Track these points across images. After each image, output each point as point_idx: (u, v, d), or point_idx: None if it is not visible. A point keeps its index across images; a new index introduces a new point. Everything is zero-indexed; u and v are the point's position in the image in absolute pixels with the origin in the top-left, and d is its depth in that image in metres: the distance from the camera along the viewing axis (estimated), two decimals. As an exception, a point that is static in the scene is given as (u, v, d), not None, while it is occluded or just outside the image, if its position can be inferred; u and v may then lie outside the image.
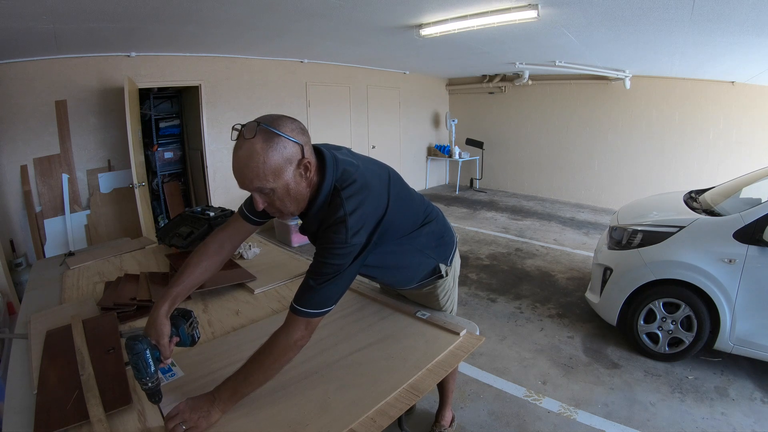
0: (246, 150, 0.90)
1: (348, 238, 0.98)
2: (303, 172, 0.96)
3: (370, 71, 6.21)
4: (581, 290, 3.36)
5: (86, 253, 2.23)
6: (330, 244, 0.99)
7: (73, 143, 3.82)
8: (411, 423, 1.92)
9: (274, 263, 1.91)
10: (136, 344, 0.91)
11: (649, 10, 2.58)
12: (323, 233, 1.02)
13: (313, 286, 0.99)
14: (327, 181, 1.01)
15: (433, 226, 1.33)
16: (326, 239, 1.00)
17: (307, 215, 1.06)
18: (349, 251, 1.00)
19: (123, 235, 3.72)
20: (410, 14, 3.06)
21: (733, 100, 5.10)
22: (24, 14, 2.41)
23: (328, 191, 1.01)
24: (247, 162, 0.90)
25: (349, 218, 0.98)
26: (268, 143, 0.90)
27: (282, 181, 0.94)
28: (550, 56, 4.89)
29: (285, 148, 0.91)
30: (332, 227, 0.99)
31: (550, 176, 6.94)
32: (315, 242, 1.11)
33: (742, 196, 2.79)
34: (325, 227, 1.01)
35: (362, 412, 0.95)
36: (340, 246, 0.98)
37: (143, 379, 0.91)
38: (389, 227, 1.10)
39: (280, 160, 0.91)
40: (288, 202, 0.98)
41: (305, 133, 0.97)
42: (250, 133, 0.89)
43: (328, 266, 0.99)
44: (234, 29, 3.44)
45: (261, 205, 0.98)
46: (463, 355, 1.22)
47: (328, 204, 1.02)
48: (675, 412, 2.06)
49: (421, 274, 1.37)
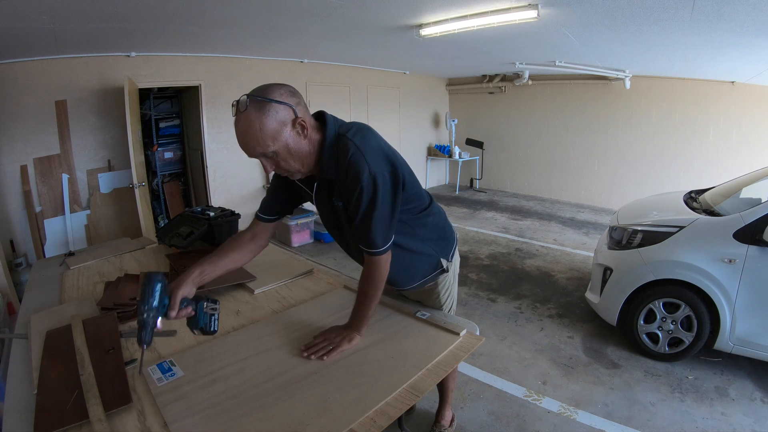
0: (243, 122, 0.99)
1: (370, 167, 1.05)
2: (300, 130, 1.04)
3: (370, 71, 6.21)
4: (581, 290, 3.36)
5: (86, 253, 2.22)
6: (359, 184, 1.06)
7: (73, 143, 3.82)
8: (411, 423, 1.92)
9: (274, 263, 1.91)
10: (153, 274, 0.98)
11: (649, 10, 2.58)
12: (349, 186, 1.08)
13: (368, 231, 1.10)
14: (329, 131, 1.10)
15: (436, 217, 1.39)
16: (354, 184, 1.06)
17: (320, 170, 1.12)
18: (380, 183, 1.07)
19: (123, 235, 3.72)
20: (410, 14, 3.06)
21: (733, 100, 5.10)
22: (24, 14, 2.41)
23: (333, 138, 1.09)
24: (246, 132, 0.99)
25: (361, 148, 1.06)
26: (261, 111, 0.98)
27: (281, 143, 1.02)
28: (550, 56, 4.89)
29: (277, 112, 0.99)
30: (351, 167, 1.05)
31: (550, 176, 6.94)
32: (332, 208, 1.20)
33: (742, 196, 2.79)
34: (344, 176, 1.08)
35: (362, 412, 0.95)
36: (367, 177, 1.05)
37: (142, 307, 0.95)
38: (404, 177, 1.16)
39: (274, 124, 0.99)
40: (291, 160, 1.06)
41: (295, 95, 1.04)
42: (243, 105, 0.98)
43: (371, 205, 1.08)
44: (234, 29, 3.44)
45: (269, 168, 1.07)
46: (463, 355, 1.21)
47: (336, 150, 1.09)
48: (675, 412, 2.06)
49: (424, 269, 1.41)
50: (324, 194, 1.19)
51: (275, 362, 1.14)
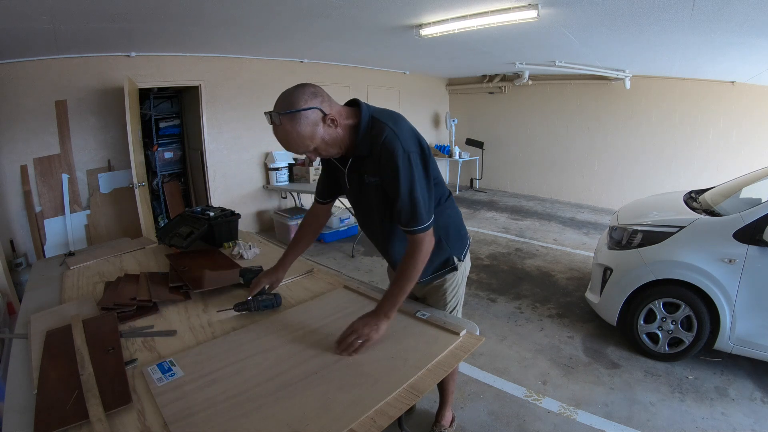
0: (281, 133, 1.11)
1: (403, 146, 1.16)
2: (330, 124, 1.14)
3: (370, 71, 6.21)
4: (581, 290, 3.36)
5: (86, 253, 2.22)
6: (395, 163, 1.15)
7: (73, 143, 3.82)
8: (411, 423, 1.92)
9: (274, 263, 1.91)
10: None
11: (649, 10, 2.58)
12: (385, 164, 1.17)
13: (409, 206, 1.19)
14: (363, 116, 1.21)
15: (453, 212, 1.47)
16: (391, 162, 1.16)
17: (354, 148, 1.22)
18: (410, 159, 1.17)
19: (123, 235, 3.72)
20: (410, 14, 3.06)
21: (733, 100, 5.10)
22: (24, 14, 2.41)
23: (367, 121, 1.21)
24: (286, 140, 1.12)
25: (395, 129, 1.17)
26: (293, 122, 1.09)
27: (318, 140, 1.14)
28: (550, 56, 4.89)
29: (307, 117, 1.09)
30: (386, 147, 1.16)
31: (550, 176, 6.93)
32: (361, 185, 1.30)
33: (742, 196, 2.79)
34: (378, 155, 1.18)
35: (362, 412, 0.95)
36: (403, 155, 1.16)
37: None
38: (430, 159, 1.26)
39: (308, 128, 1.10)
40: (330, 148, 1.19)
41: (318, 94, 1.13)
42: (277, 120, 1.09)
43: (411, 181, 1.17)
44: (234, 29, 3.44)
45: (313, 159, 1.22)
46: (463, 355, 1.21)
47: (370, 131, 1.20)
48: (675, 412, 2.06)
49: (436, 263, 1.45)
50: (356, 171, 1.29)
51: (275, 362, 1.14)
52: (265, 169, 5.20)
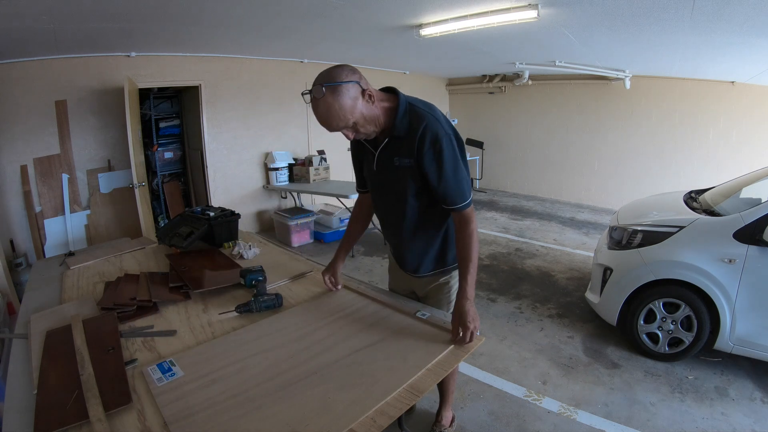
0: (323, 106, 1.15)
1: (444, 130, 1.25)
2: (369, 99, 1.20)
3: (370, 71, 6.20)
4: (581, 290, 3.36)
5: (86, 253, 2.22)
6: (439, 144, 1.23)
7: (73, 143, 3.82)
8: (411, 423, 1.92)
9: (274, 263, 1.91)
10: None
11: (649, 10, 2.58)
12: (428, 147, 1.24)
13: (456, 185, 1.28)
14: (401, 99, 1.29)
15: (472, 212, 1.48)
16: (435, 146, 1.24)
17: (392, 128, 1.29)
18: (452, 142, 1.26)
19: (123, 235, 3.71)
20: (410, 14, 3.06)
21: (733, 100, 5.10)
22: (24, 14, 2.41)
23: (405, 106, 1.28)
24: (328, 113, 1.15)
25: (433, 114, 1.28)
26: (336, 93, 1.13)
27: (357, 114, 1.18)
28: (550, 56, 4.88)
29: (348, 90, 1.15)
30: (429, 131, 1.23)
31: (550, 176, 6.93)
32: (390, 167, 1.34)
33: (742, 196, 2.79)
34: (414, 136, 1.25)
35: (362, 412, 0.95)
36: (446, 137, 1.25)
37: None
38: (462, 143, 1.33)
39: (349, 101, 1.15)
40: (368, 125, 1.24)
41: (356, 71, 1.19)
42: (319, 93, 1.13)
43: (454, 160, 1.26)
44: (234, 29, 3.44)
45: (351, 136, 1.25)
46: (463, 355, 1.22)
47: (409, 115, 1.27)
48: (675, 412, 2.06)
49: (445, 257, 1.49)
50: (387, 153, 1.34)
51: (275, 362, 1.14)
52: (265, 169, 5.20)
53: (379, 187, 1.47)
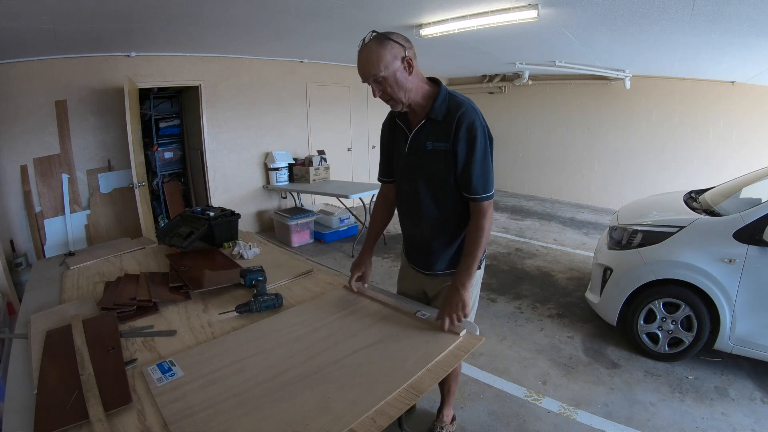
0: (365, 50, 1.24)
1: (480, 120, 1.31)
2: (406, 67, 1.27)
3: (371, 71, 6.21)
4: (581, 290, 3.36)
5: (86, 253, 2.22)
6: (474, 131, 1.30)
7: (73, 143, 3.82)
8: (411, 423, 1.92)
9: (274, 263, 1.91)
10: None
11: (649, 10, 2.58)
12: (463, 132, 1.29)
13: (481, 173, 1.33)
14: (443, 89, 1.36)
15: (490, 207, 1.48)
16: (471, 132, 1.30)
17: (430, 110, 1.34)
18: (485, 134, 1.33)
19: (123, 235, 3.72)
20: (410, 14, 3.06)
21: (733, 100, 5.10)
22: (24, 14, 2.41)
23: (445, 94, 1.35)
24: (366, 57, 1.24)
25: (472, 106, 1.33)
26: (380, 44, 1.23)
27: (390, 71, 1.24)
28: (550, 56, 4.89)
29: (392, 48, 1.24)
30: (466, 118, 1.29)
31: (550, 176, 6.93)
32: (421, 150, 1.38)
33: (742, 196, 2.79)
34: (455, 125, 1.30)
35: (362, 412, 0.95)
36: (481, 128, 1.31)
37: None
38: (492, 145, 1.38)
39: (388, 56, 1.23)
40: (397, 89, 1.28)
41: (409, 42, 1.28)
42: (368, 38, 1.25)
43: (480, 152, 1.32)
44: (234, 29, 3.44)
45: (377, 93, 1.29)
46: (463, 355, 1.21)
47: (448, 102, 1.34)
48: (675, 412, 2.06)
49: (459, 257, 1.46)
50: (422, 135, 1.38)
51: (275, 362, 1.14)
52: (265, 169, 5.20)
53: (408, 171, 1.45)
